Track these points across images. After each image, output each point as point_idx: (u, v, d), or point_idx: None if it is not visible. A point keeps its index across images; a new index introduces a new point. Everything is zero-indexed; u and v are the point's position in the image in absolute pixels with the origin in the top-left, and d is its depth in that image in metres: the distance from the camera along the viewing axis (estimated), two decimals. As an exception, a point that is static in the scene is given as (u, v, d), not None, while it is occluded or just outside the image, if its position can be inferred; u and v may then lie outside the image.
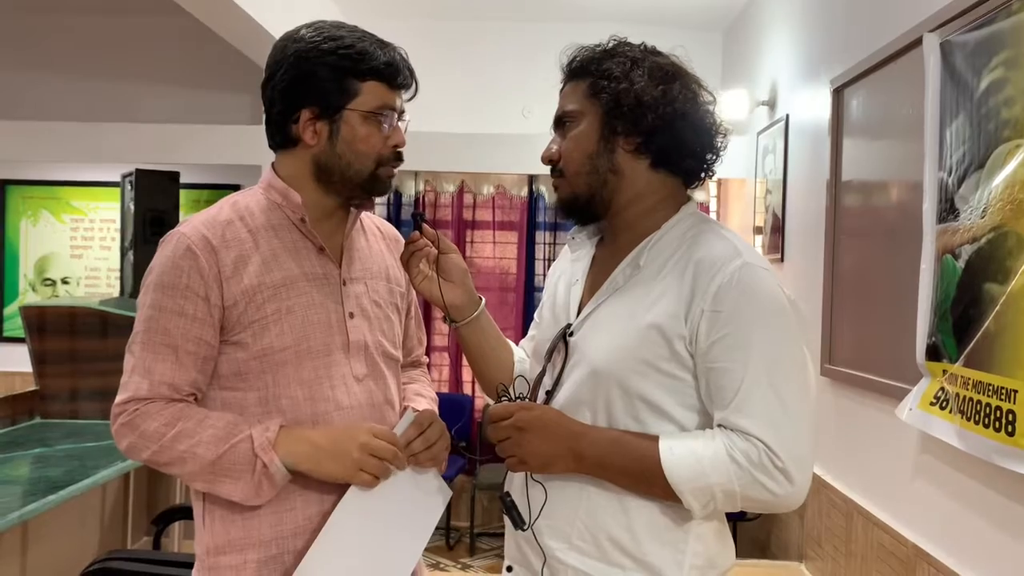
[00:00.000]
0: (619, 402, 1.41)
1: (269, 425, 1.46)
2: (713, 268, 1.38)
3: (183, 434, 1.46)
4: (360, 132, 1.52)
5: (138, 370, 1.49)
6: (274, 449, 1.45)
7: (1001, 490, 2.06)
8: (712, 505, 1.37)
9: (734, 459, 1.33)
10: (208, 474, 1.47)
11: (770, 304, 1.38)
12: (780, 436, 1.33)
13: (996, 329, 1.96)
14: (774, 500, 1.35)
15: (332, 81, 1.50)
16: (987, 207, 2.02)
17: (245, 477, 1.45)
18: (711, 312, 1.36)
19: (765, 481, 1.33)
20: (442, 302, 1.57)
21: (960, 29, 2.22)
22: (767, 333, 1.36)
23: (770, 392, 1.34)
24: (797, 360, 1.39)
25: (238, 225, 1.54)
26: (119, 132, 5.23)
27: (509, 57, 5.48)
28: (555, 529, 1.45)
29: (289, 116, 1.53)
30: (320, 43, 1.51)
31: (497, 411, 1.45)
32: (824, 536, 3.24)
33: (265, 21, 3.92)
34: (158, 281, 1.50)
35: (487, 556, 5.17)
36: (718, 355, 1.36)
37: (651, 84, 1.43)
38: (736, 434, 1.34)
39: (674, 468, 1.35)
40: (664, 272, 1.43)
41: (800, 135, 3.85)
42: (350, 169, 1.53)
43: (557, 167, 1.51)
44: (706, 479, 1.34)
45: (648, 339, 1.39)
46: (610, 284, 1.48)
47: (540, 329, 1.65)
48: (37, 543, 3.05)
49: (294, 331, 1.52)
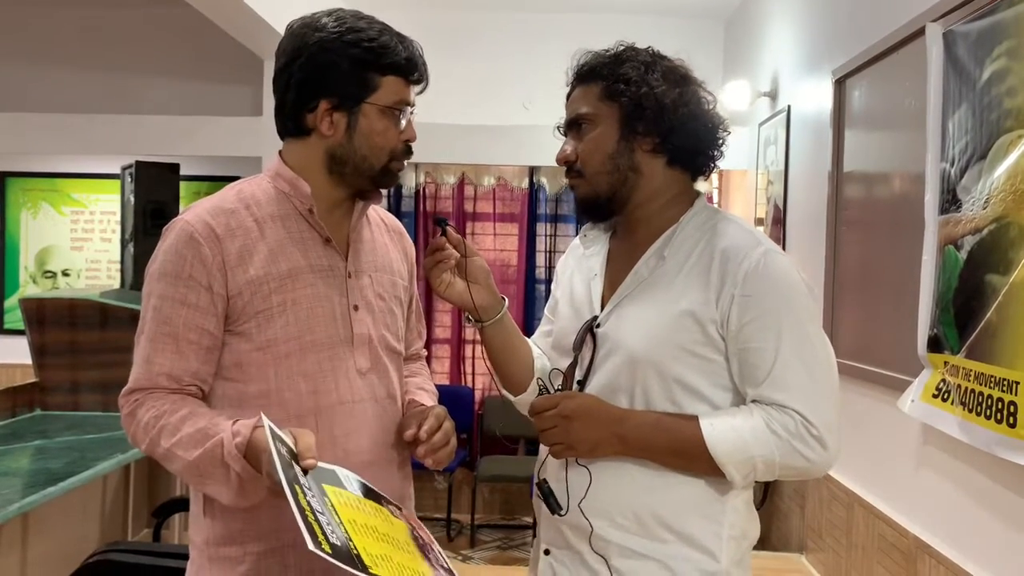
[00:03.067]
0: (656, 386, 1.49)
1: (240, 429, 1.40)
2: (739, 256, 1.48)
3: (166, 430, 1.44)
4: (378, 126, 1.51)
5: (140, 360, 1.49)
6: (245, 456, 1.38)
7: (1002, 481, 2.06)
8: (752, 476, 1.47)
9: (773, 431, 1.43)
10: (192, 475, 1.45)
11: (793, 287, 1.48)
12: (813, 406, 1.43)
13: (998, 321, 1.95)
14: (809, 466, 1.45)
15: (353, 74, 1.49)
16: (989, 198, 2.01)
17: (224, 481, 1.42)
18: (741, 297, 1.45)
19: (803, 449, 1.43)
20: (473, 306, 1.60)
21: (962, 19, 2.20)
22: (793, 313, 1.47)
23: (801, 367, 1.45)
24: (820, 336, 1.50)
25: (243, 214, 1.52)
26: (119, 124, 5.22)
27: (510, 48, 5.47)
28: (596, 509, 1.51)
29: (305, 105, 1.51)
30: (343, 34, 1.49)
31: (541, 403, 1.51)
32: (825, 528, 3.23)
33: (265, 13, 3.91)
34: (161, 270, 1.49)
35: (488, 548, 5.18)
36: (750, 336, 1.45)
37: (669, 87, 1.52)
38: (772, 408, 1.44)
39: (718, 444, 1.44)
40: (690, 262, 1.51)
41: (802, 126, 3.84)
42: (365, 162, 1.52)
43: (574, 167, 1.58)
44: (748, 451, 1.43)
45: (682, 325, 1.48)
46: (635, 276, 1.55)
47: (559, 324, 1.68)
48: (37, 535, 3.05)
49: (299, 323, 1.50)
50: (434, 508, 5.45)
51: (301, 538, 1.49)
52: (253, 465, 1.38)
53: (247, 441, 1.38)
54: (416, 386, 1.76)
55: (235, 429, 1.41)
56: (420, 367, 1.84)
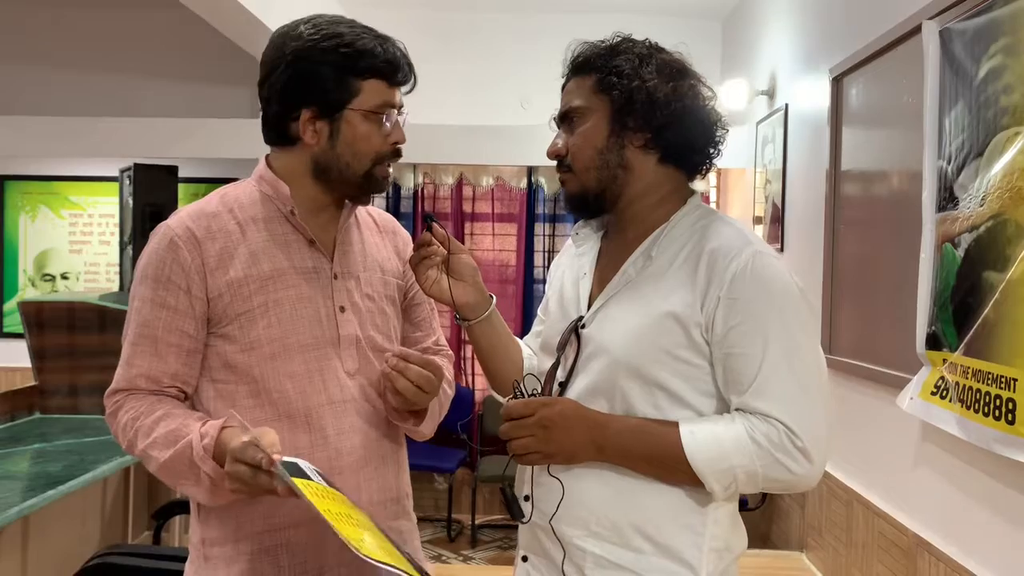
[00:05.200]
0: (637, 390, 1.43)
1: (208, 431, 1.41)
2: (727, 257, 1.41)
3: (141, 431, 1.47)
4: (360, 131, 1.51)
5: (121, 361, 1.52)
6: (213, 456, 1.39)
7: (1002, 478, 2.06)
8: (734, 487, 1.40)
9: (755, 441, 1.36)
10: (167, 476, 1.47)
11: (783, 291, 1.41)
12: (799, 417, 1.37)
13: (995, 318, 1.95)
14: (794, 479, 1.38)
15: (332, 80, 1.48)
16: (986, 195, 2.01)
17: (196, 482, 1.43)
18: (727, 300, 1.39)
19: (786, 461, 1.36)
20: (452, 302, 1.56)
21: (959, 16, 2.20)
22: (782, 319, 1.39)
23: (788, 375, 1.38)
24: (810, 343, 1.43)
25: (226, 217, 1.53)
26: (117, 126, 5.21)
27: (508, 48, 5.47)
28: (573, 518, 1.46)
29: (288, 115, 1.51)
30: (319, 41, 1.48)
31: (516, 408, 1.44)
32: (825, 526, 3.24)
33: (262, 15, 3.90)
34: (143, 273, 1.51)
35: (488, 548, 5.18)
36: (735, 341, 1.39)
37: (662, 81, 1.45)
38: (756, 417, 1.38)
39: (696, 452, 1.37)
40: (677, 262, 1.46)
41: (799, 124, 3.84)
42: (348, 169, 1.52)
43: (564, 162, 1.53)
44: (728, 461, 1.37)
45: (665, 327, 1.41)
46: (622, 276, 1.49)
47: (547, 323, 1.65)
48: (37, 538, 3.05)
49: (282, 324, 1.51)
50: (434, 509, 5.45)
51: (294, 538, 1.50)
52: (222, 465, 1.38)
53: (214, 442, 1.39)
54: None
55: (203, 430, 1.42)
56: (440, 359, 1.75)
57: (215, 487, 1.41)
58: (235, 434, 1.37)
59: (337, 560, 1.54)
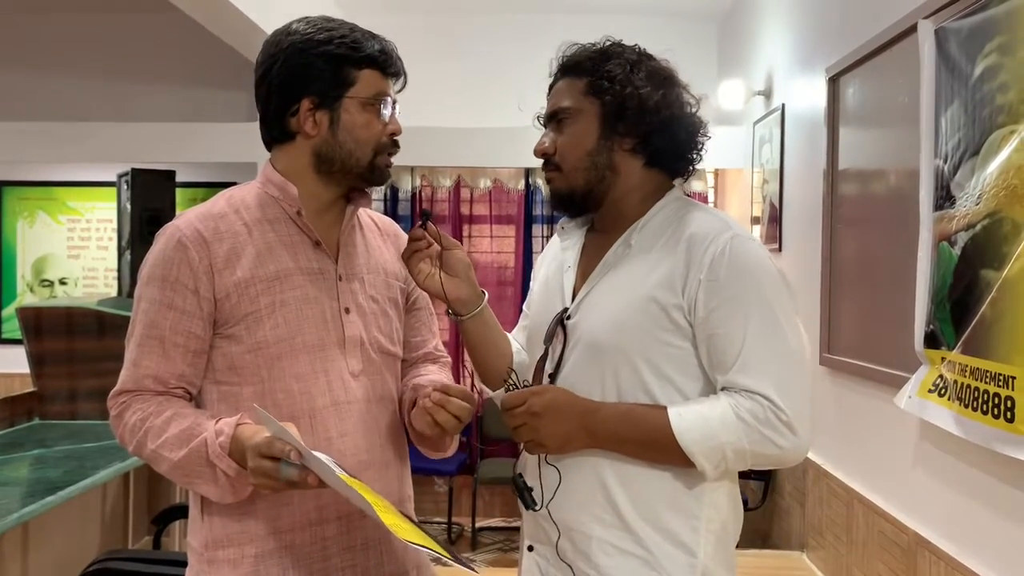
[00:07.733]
0: (626, 375, 1.47)
1: (223, 428, 1.43)
2: (706, 240, 1.45)
3: (152, 432, 1.47)
4: (360, 119, 1.53)
5: (127, 363, 1.52)
6: (230, 453, 1.41)
7: (1001, 476, 2.06)
8: (723, 465, 1.43)
9: (741, 417, 1.40)
10: (179, 476, 1.48)
11: (762, 271, 1.45)
12: (782, 392, 1.40)
13: (993, 316, 1.95)
14: (781, 454, 1.42)
15: (330, 70, 1.51)
16: (982, 193, 2.01)
17: (211, 480, 1.45)
18: (707, 282, 1.43)
19: (772, 436, 1.40)
20: (445, 296, 1.57)
21: (954, 15, 2.21)
22: (762, 298, 1.44)
23: (769, 352, 1.42)
24: (790, 321, 1.46)
25: (232, 218, 1.54)
26: (115, 131, 5.21)
27: (505, 51, 5.47)
28: (574, 504, 1.50)
29: (287, 109, 1.54)
30: (314, 34, 1.52)
31: (509, 399, 1.48)
32: (825, 525, 3.24)
33: (260, 20, 3.90)
34: (150, 274, 1.51)
35: (489, 550, 5.18)
36: (718, 322, 1.43)
37: (652, 88, 1.50)
38: (740, 394, 1.41)
39: (685, 432, 1.41)
40: (656, 248, 1.50)
41: (796, 124, 3.84)
42: (351, 157, 1.54)
43: (552, 161, 1.56)
44: (716, 439, 1.40)
45: (647, 311, 1.46)
46: (603, 266, 1.54)
47: (532, 317, 1.67)
48: (37, 544, 3.05)
49: (288, 324, 1.52)
50: (435, 511, 5.45)
51: (299, 540, 1.51)
52: (238, 462, 1.40)
53: (231, 439, 1.41)
54: (428, 382, 1.66)
55: (218, 428, 1.44)
56: (438, 368, 1.77)
57: (232, 484, 1.43)
58: (254, 430, 1.39)
59: (341, 563, 1.55)
